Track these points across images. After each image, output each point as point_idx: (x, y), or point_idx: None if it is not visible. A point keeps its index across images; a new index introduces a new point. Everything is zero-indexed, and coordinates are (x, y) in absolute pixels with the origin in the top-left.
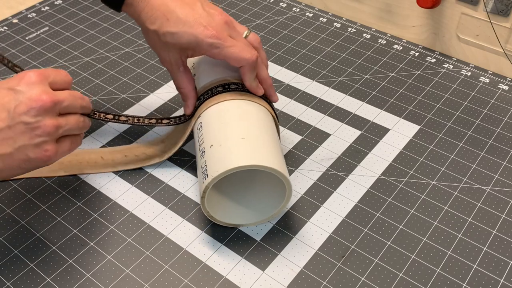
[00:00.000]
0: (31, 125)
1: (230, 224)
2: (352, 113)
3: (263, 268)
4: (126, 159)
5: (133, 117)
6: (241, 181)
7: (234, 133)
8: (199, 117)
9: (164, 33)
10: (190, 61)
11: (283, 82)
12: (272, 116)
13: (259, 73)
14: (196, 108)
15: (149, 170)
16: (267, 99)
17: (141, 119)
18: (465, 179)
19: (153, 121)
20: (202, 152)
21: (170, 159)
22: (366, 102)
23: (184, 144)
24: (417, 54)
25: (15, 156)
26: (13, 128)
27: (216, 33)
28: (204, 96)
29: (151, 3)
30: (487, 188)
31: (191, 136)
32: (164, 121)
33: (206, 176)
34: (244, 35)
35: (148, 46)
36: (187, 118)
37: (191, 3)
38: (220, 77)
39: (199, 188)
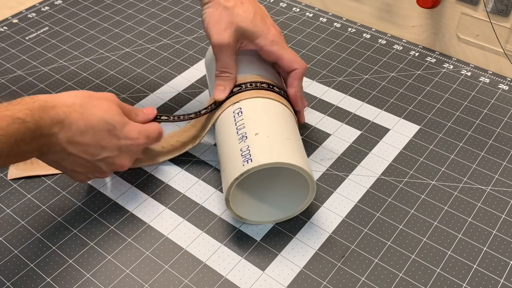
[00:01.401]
0: (109, 168)
1: (243, 219)
2: (352, 113)
3: (263, 268)
4: (164, 150)
5: (174, 116)
6: (263, 178)
7: (281, 131)
8: (237, 102)
9: (238, 13)
10: None
11: None
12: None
13: (300, 89)
14: (232, 93)
15: (149, 170)
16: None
17: (181, 116)
18: (465, 179)
19: (193, 115)
20: (243, 136)
21: (170, 159)
22: (366, 102)
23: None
24: (417, 54)
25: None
26: (96, 163)
27: (279, 34)
28: (246, 85)
29: None
30: (487, 188)
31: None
32: (202, 112)
33: (250, 160)
34: None
35: (148, 46)
36: (221, 103)
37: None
38: (264, 75)
39: (228, 173)
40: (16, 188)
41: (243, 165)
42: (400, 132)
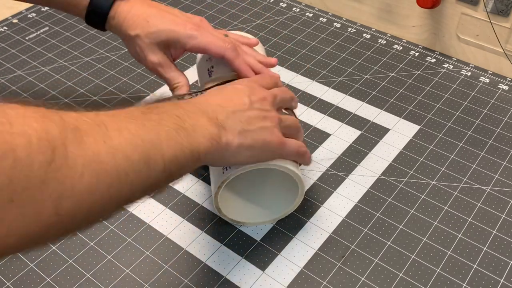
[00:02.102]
0: (263, 114)
1: (241, 222)
2: (352, 113)
3: (263, 268)
4: None
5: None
6: (253, 179)
7: None
8: None
9: (146, 34)
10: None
11: (283, 82)
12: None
13: (247, 61)
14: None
15: None
16: None
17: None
18: (465, 179)
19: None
20: None
21: None
22: (366, 102)
23: None
24: (417, 54)
25: (259, 134)
26: (252, 111)
27: (194, 25)
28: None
29: (132, 12)
30: (487, 188)
31: None
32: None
33: (229, 167)
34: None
35: None
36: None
37: (169, 9)
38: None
39: (213, 181)
40: None
41: (223, 172)
42: (400, 132)
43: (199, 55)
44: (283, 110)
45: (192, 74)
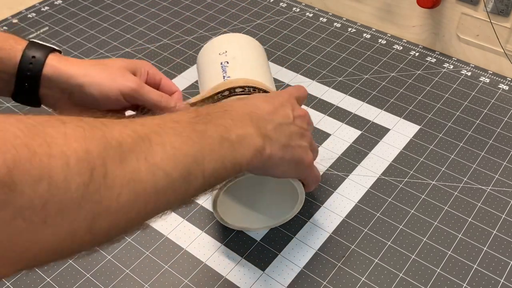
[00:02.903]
0: (301, 131)
1: (240, 227)
2: (352, 113)
3: (263, 268)
4: None
5: None
6: (253, 185)
7: None
8: None
9: (111, 62)
10: (223, 48)
11: (283, 82)
12: None
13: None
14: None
15: None
16: None
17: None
18: (465, 179)
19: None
20: None
21: None
22: (366, 102)
23: None
24: (417, 54)
25: (297, 152)
26: (294, 127)
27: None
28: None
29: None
30: (487, 188)
31: None
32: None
33: None
34: None
35: (148, 46)
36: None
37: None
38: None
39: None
40: None
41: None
42: (400, 132)
43: (207, 48)
44: None
45: (191, 75)
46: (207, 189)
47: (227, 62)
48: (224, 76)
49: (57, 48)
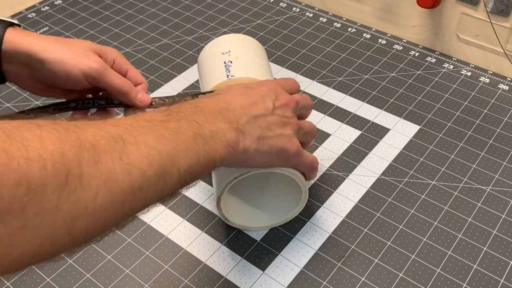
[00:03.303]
0: (284, 120)
1: (244, 226)
2: (352, 113)
3: (263, 268)
4: None
5: (168, 97)
6: (256, 184)
7: None
8: None
9: (74, 42)
10: (226, 48)
11: None
12: None
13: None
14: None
15: None
16: None
17: (175, 97)
18: (465, 179)
19: (189, 97)
20: None
21: None
22: (366, 102)
23: None
24: (417, 54)
25: (277, 141)
26: (273, 117)
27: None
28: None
29: (32, 34)
30: (487, 188)
31: None
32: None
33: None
34: None
35: (148, 46)
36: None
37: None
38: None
39: (216, 185)
40: None
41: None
42: (400, 132)
43: (209, 47)
44: None
45: (191, 75)
46: (183, 186)
47: (231, 62)
48: (227, 75)
49: (16, 22)
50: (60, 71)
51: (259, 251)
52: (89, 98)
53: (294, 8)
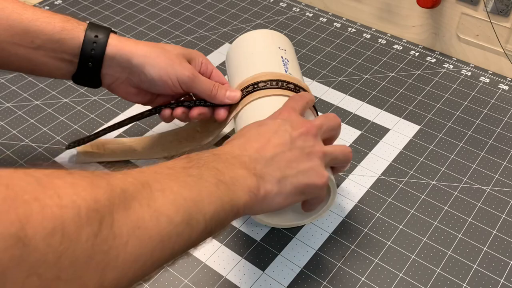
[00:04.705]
0: (306, 151)
1: (268, 223)
2: (352, 113)
3: (263, 268)
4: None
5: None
6: None
7: None
8: (258, 98)
9: (170, 48)
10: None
11: None
12: None
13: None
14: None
15: None
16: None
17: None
18: (465, 179)
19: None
20: None
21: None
22: (366, 102)
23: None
24: (417, 54)
25: (300, 179)
26: (293, 152)
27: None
28: (265, 83)
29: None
30: (487, 188)
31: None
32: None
33: None
34: None
35: None
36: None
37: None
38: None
39: None
40: None
41: None
42: (400, 132)
43: (266, 35)
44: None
45: None
46: (209, 234)
47: (287, 60)
48: (286, 70)
49: (114, 29)
50: (158, 77)
51: (259, 251)
52: (179, 102)
53: (294, 8)
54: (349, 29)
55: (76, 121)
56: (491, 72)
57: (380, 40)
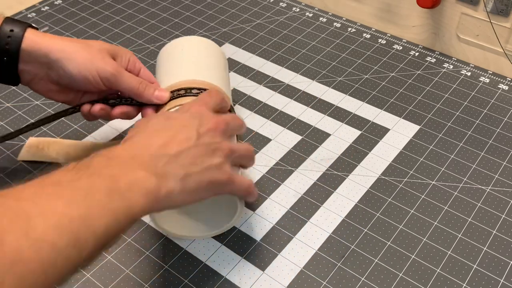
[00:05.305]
0: (212, 147)
1: (178, 235)
2: (352, 113)
3: (263, 268)
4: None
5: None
6: None
7: None
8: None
9: (92, 43)
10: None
11: (283, 82)
12: None
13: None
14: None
15: None
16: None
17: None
18: (465, 179)
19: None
20: None
21: None
22: (366, 102)
23: None
24: (417, 54)
25: (204, 175)
26: (198, 148)
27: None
28: (190, 90)
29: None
30: (487, 188)
31: None
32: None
33: None
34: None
35: (148, 46)
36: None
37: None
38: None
39: None
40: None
41: None
42: (400, 132)
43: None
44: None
45: None
46: (102, 249)
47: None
48: (221, 83)
49: (34, 25)
50: (78, 73)
51: (259, 251)
52: (103, 99)
53: (294, 8)
54: (349, 29)
55: (76, 121)
56: (491, 72)
57: (380, 40)
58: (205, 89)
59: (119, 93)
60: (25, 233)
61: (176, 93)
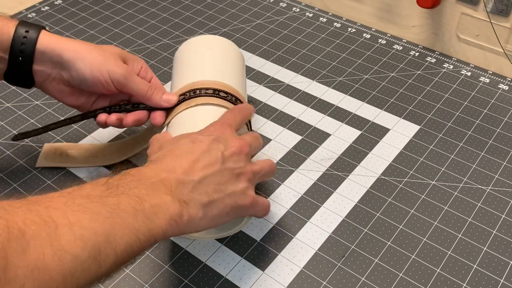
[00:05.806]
0: (236, 171)
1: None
2: (352, 113)
3: (263, 268)
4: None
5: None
6: None
7: None
8: (192, 106)
9: (102, 47)
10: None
11: (283, 82)
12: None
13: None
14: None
15: None
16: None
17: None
18: (465, 179)
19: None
20: None
21: None
22: (366, 102)
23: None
24: (417, 54)
25: (227, 202)
26: (223, 173)
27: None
28: (201, 91)
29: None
30: (487, 188)
31: None
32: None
33: None
34: None
35: (148, 46)
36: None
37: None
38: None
39: None
40: (16, 188)
41: None
42: (400, 132)
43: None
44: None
45: None
46: (121, 266)
47: (232, 71)
48: (229, 81)
49: (47, 28)
50: (90, 74)
51: (259, 251)
52: (115, 105)
53: (294, 8)
54: (349, 29)
55: None
56: (491, 72)
57: (380, 40)
58: (223, 91)
59: (129, 99)
60: (50, 241)
61: (182, 97)
